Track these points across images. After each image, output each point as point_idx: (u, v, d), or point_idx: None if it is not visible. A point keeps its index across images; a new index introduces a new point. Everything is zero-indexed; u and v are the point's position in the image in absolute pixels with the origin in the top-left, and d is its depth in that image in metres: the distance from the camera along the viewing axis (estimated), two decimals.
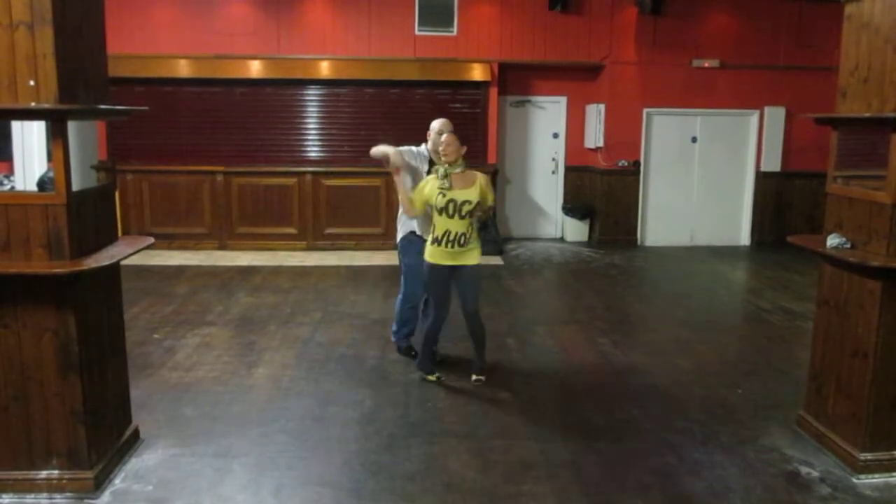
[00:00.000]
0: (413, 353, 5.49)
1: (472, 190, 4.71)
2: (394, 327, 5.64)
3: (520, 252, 10.27)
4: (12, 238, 3.30)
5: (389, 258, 9.56)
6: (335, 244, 10.21)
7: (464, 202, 4.66)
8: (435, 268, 4.80)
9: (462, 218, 4.67)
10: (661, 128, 10.75)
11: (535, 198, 11.30)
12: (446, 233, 4.70)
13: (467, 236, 4.72)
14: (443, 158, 4.74)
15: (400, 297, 5.50)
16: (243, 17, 9.91)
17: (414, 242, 5.19)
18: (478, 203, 4.71)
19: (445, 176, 4.70)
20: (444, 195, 4.67)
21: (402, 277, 5.39)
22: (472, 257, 4.80)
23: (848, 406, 3.94)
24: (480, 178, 4.79)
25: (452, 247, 4.71)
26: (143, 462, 3.87)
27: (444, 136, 4.80)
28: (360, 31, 10.04)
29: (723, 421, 4.52)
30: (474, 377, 5.09)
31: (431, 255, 4.80)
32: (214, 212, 10.10)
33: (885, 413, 3.80)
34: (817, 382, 4.24)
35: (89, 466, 3.53)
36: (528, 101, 11.12)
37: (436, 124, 5.13)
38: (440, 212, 4.68)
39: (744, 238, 11.09)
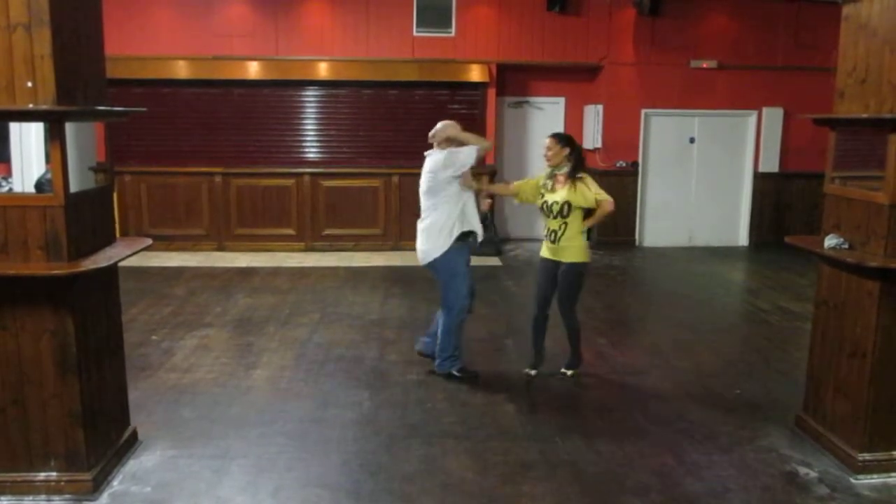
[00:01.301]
0: (475, 373, 5.21)
1: (564, 192, 4.94)
2: (442, 354, 5.14)
3: (518, 252, 10.27)
4: (10, 240, 3.30)
5: (388, 259, 9.57)
6: (334, 245, 10.20)
7: (553, 203, 4.95)
8: (541, 260, 5.15)
9: (555, 217, 4.96)
10: (659, 128, 10.76)
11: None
12: (547, 229, 5.07)
13: (558, 234, 4.97)
14: (547, 163, 5.04)
15: (446, 317, 5.08)
16: (242, 19, 9.91)
17: (466, 245, 5.03)
18: (565, 203, 4.90)
19: (550, 177, 5.03)
20: (542, 195, 5.05)
21: (451, 290, 5.04)
22: (569, 254, 4.99)
23: (846, 406, 3.95)
24: (579, 181, 4.93)
25: (553, 242, 5.02)
26: (141, 464, 3.86)
27: (546, 141, 5.03)
28: (358, 33, 10.04)
29: (721, 421, 4.52)
30: (563, 371, 5.28)
31: (542, 249, 5.16)
32: (213, 213, 10.09)
33: (883, 413, 3.81)
34: (816, 383, 4.24)
35: (87, 468, 3.52)
36: (527, 102, 11.12)
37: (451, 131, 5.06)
38: (541, 210, 5.08)
39: (742, 238, 11.10)
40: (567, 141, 5.04)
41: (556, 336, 5.37)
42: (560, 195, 4.94)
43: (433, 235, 5.00)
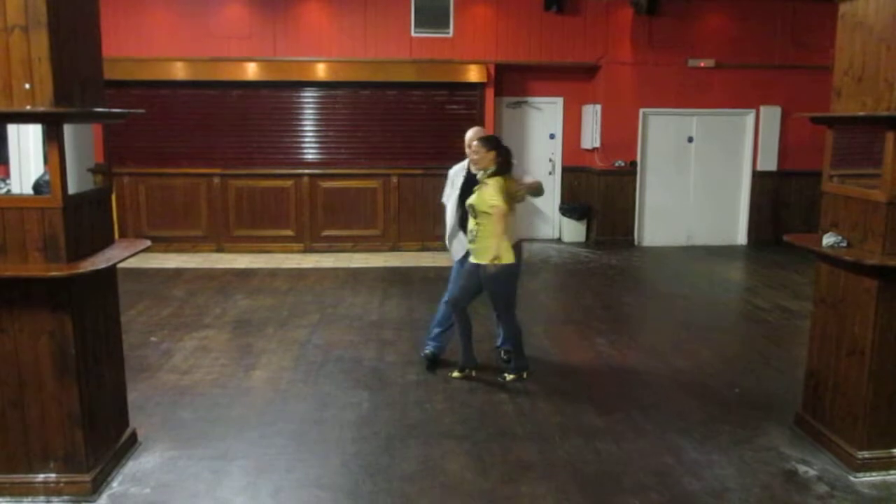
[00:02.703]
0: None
1: (479, 194, 4.95)
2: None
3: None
4: (8, 241, 3.30)
5: (387, 260, 9.58)
6: (332, 246, 10.21)
7: (471, 205, 4.97)
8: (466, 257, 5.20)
9: (474, 217, 4.96)
10: (657, 128, 10.77)
11: (531, 199, 11.28)
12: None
13: (474, 234, 4.96)
14: (474, 166, 5.12)
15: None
16: (239, 20, 9.91)
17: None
18: (471, 205, 4.94)
19: (481, 181, 5.02)
20: (472, 196, 5.06)
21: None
22: (481, 256, 4.90)
23: (845, 404, 3.95)
24: (485, 186, 4.89)
25: (471, 242, 5.04)
26: (140, 465, 3.86)
27: (473, 145, 5.03)
28: (355, 33, 10.04)
29: (720, 420, 4.53)
30: (504, 375, 5.23)
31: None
32: (211, 214, 10.10)
33: (882, 411, 3.81)
34: (814, 381, 4.24)
35: (86, 470, 3.52)
36: (525, 102, 11.12)
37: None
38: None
39: (741, 237, 11.11)
40: (493, 144, 4.96)
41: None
42: (473, 197, 4.96)
43: None
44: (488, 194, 4.83)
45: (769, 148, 10.80)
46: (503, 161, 4.90)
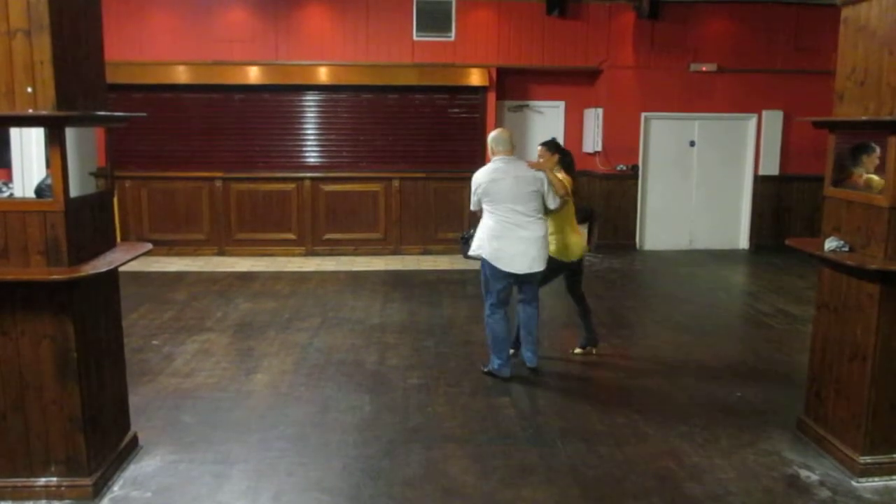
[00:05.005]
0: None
1: None
2: (536, 346, 5.45)
3: None
4: (10, 245, 3.30)
5: (388, 263, 9.57)
6: (334, 249, 10.21)
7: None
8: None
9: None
10: (659, 132, 10.77)
11: None
12: None
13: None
14: None
15: (537, 311, 5.51)
16: (241, 24, 9.93)
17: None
18: None
19: None
20: None
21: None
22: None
23: (847, 409, 3.94)
24: None
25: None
26: (141, 469, 3.86)
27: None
28: (357, 37, 10.05)
29: (722, 424, 4.52)
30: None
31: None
32: (213, 218, 10.10)
33: (884, 416, 3.80)
34: (816, 385, 4.24)
35: (88, 473, 3.52)
36: (527, 106, 11.13)
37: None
38: None
39: (742, 242, 11.10)
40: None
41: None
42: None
43: (546, 245, 5.45)
44: None
45: (771, 152, 10.79)
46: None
